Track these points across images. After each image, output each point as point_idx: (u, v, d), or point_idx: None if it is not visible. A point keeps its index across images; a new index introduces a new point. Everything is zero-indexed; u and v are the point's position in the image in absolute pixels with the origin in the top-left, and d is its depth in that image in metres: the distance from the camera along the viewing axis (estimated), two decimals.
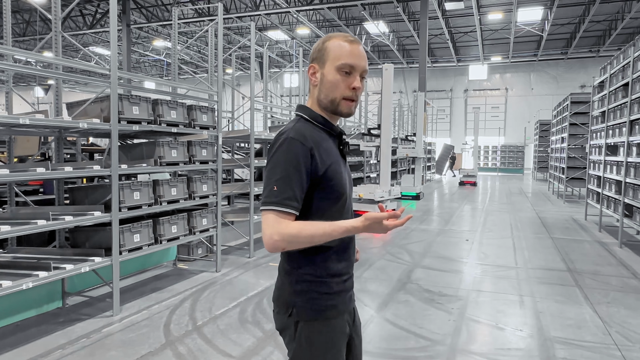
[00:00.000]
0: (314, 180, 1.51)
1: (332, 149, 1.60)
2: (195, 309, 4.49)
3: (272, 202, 1.45)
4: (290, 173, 1.46)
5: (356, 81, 1.55)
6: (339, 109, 1.57)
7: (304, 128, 1.54)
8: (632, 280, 5.64)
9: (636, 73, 7.00)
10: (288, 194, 1.45)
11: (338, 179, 1.56)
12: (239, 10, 22.00)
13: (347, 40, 1.55)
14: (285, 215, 1.45)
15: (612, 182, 8.12)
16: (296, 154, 1.47)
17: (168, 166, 4.83)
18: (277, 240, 1.42)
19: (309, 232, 1.42)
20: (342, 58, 1.53)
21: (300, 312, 1.55)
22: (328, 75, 1.55)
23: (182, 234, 5.12)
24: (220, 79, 5.63)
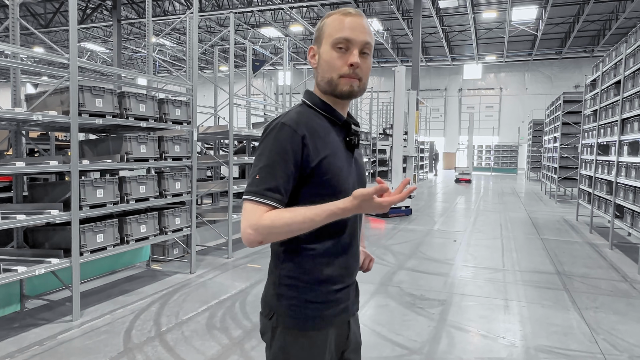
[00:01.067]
0: (305, 172, 1.33)
1: (333, 139, 1.40)
2: (161, 313, 4.25)
3: (252, 192, 1.30)
4: (276, 161, 1.30)
5: (354, 56, 1.34)
6: (339, 89, 1.37)
7: (301, 114, 1.38)
8: (622, 284, 5.44)
9: (628, 70, 6.81)
10: (270, 184, 1.29)
11: (335, 173, 1.37)
12: (232, 7, 21.71)
13: (344, 14, 1.37)
14: (264, 207, 1.28)
15: (604, 182, 7.93)
16: (284, 141, 1.31)
17: (136, 162, 4.58)
18: (250, 233, 1.27)
19: (284, 220, 1.24)
20: (336, 33, 1.35)
21: (279, 318, 1.40)
22: (324, 54, 1.38)
23: (152, 234, 4.88)
24: (195, 73, 5.39)
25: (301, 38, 27.73)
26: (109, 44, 28.28)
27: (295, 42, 27.83)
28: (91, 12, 21.98)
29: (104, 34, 27.29)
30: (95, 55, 32.60)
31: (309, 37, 27.53)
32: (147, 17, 5.59)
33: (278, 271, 1.42)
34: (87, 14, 22.19)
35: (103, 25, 23.25)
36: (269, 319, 1.42)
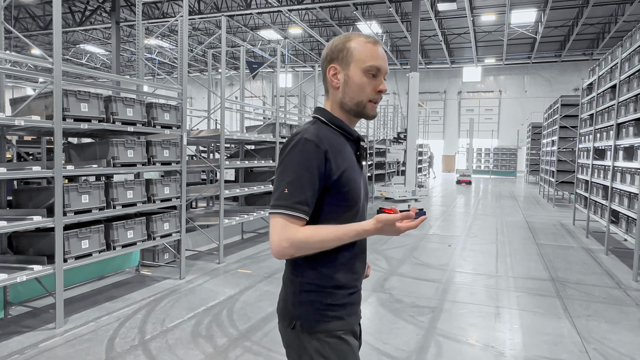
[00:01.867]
0: (327, 185, 1.43)
1: (349, 154, 1.52)
2: (147, 320, 4.20)
3: (282, 206, 1.38)
4: (303, 176, 1.38)
5: (382, 84, 1.52)
6: (365, 112, 1.52)
7: (320, 130, 1.47)
8: (616, 291, 5.38)
9: (624, 75, 6.76)
10: (299, 197, 1.38)
11: (352, 185, 1.48)
12: (230, 9, 21.70)
13: (370, 42, 1.50)
14: (295, 220, 1.38)
15: (599, 187, 7.87)
16: (310, 156, 1.39)
17: (123, 167, 4.53)
18: (285, 246, 1.36)
19: (319, 237, 1.36)
20: (368, 60, 1.47)
21: (304, 324, 1.46)
22: (354, 77, 1.48)
23: (140, 240, 4.82)
24: (185, 77, 5.34)
25: (300, 40, 27.71)
26: (108, 45, 28.28)
27: (294, 44, 27.82)
28: (90, 14, 21.99)
29: (103, 36, 27.30)
30: (95, 57, 32.63)
31: (307, 39, 27.53)
32: (137, 20, 5.55)
33: (298, 280, 1.49)
34: (85, 16, 22.20)
35: (102, 27, 23.25)
36: (292, 329, 1.47)
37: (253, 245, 7.45)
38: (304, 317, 1.46)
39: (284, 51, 27.94)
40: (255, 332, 3.98)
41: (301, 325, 1.46)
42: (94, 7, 21.71)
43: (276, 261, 6.45)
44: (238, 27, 25.54)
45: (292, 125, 8.17)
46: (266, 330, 4.04)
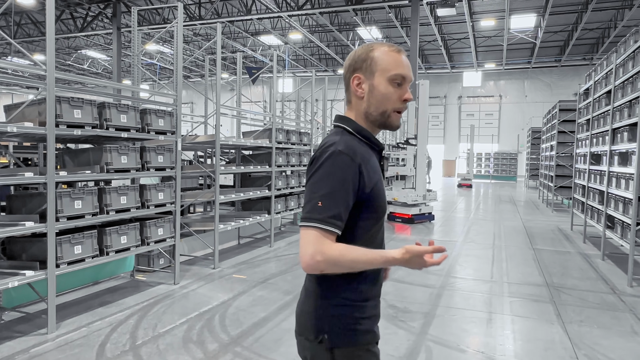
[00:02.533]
0: (361, 198, 1.42)
1: (377, 165, 1.51)
2: (139, 325, 4.21)
3: (316, 219, 1.35)
4: (337, 189, 1.36)
5: (408, 93, 1.50)
6: (389, 121, 1.51)
7: (350, 141, 1.45)
8: (610, 296, 5.38)
9: (618, 80, 6.78)
10: (333, 211, 1.35)
11: (382, 197, 1.48)
12: (231, 15, 21.82)
13: (395, 50, 1.49)
14: (328, 234, 1.35)
15: (596, 192, 7.87)
16: (344, 169, 1.38)
17: (117, 173, 4.56)
18: (319, 260, 1.33)
19: (351, 257, 1.34)
20: (393, 69, 1.46)
21: (334, 339, 1.44)
22: (379, 86, 1.47)
23: (134, 245, 4.85)
24: (180, 83, 5.38)
25: (300, 46, 27.82)
26: (109, 51, 28.44)
27: (295, 49, 27.92)
28: (91, 20, 22.13)
29: (104, 42, 27.46)
30: (96, 63, 32.80)
31: (308, 44, 27.63)
32: (132, 27, 5.60)
33: (327, 292, 1.47)
34: (87, 22, 22.35)
35: (103, 32, 23.39)
36: (319, 342, 1.45)
37: (249, 251, 7.46)
38: (335, 331, 1.44)
39: (284, 56, 28.06)
40: (246, 338, 3.99)
41: (330, 340, 1.44)
42: (96, 13, 21.86)
43: (271, 266, 6.47)
44: (239, 33, 25.66)
45: (289, 131, 8.20)
46: (257, 335, 4.05)
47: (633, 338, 4.15)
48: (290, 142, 8.16)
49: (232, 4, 21.61)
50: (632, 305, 5.07)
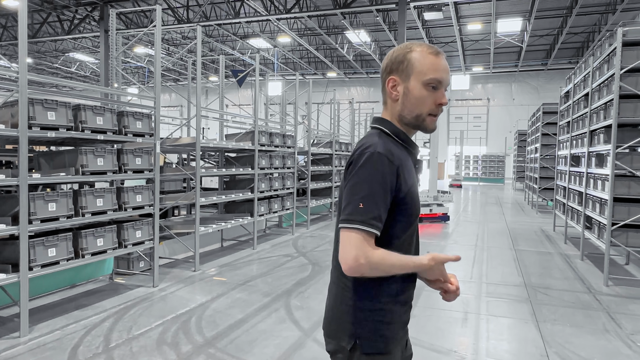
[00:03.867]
0: (396, 201, 1.42)
1: (412, 168, 1.51)
2: (114, 328, 4.20)
3: (359, 221, 1.34)
4: (377, 191, 1.36)
5: (444, 97, 1.47)
6: (424, 125, 1.49)
7: (387, 143, 1.45)
8: (585, 296, 5.45)
9: (595, 83, 6.89)
10: (374, 213, 1.35)
11: (416, 200, 1.48)
12: (219, 17, 21.82)
13: (432, 52, 1.46)
14: (370, 236, 1.36)
15: (575, 193, 7.98)
16: (384, 171, 1.38)
17: (93, 175, 4.55)
18: (363, 263, 1.32)
19: (390, 262, 1.35)
20: (429, 72, 1.44)
21: (364, 345, 1.44)
22: (414, 90, 1.45)
23: (111, 247, 4.83)
24: (159, 86, 5.38)
25: (290, 49, 27.87)
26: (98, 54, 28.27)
27: (284, 52, 27.97)
28: (78, 23, 22.02)
29: (92, 45, 27.32)
30: (84, 66, 32.60)
31: (297, 47, 27.70)
32: (111, 30, 5.60)
33: (364, 297, 1.45)
34: (74, 24, 22.23)
35: (91, 35, 23.26)
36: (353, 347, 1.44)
37: (232, 253, 7.46)
38: (364, 336, 1.44)
39: (273, 59, 28.09)
40: (221, 339, 3.99)
41: (361, 345, 1.44)
42: (83, 15, 21.75)
43: (252, 269, 6.47)
44: (228, 36, 25.65)
45: (273, 133, 8.22)
46: (232, 337, 4.05)
47: (603, 336, 4.22)
48: (273, 145, 8.18)
49: (220, 7, 21.62)
50: (606, 304, 5.15)
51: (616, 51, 5.73)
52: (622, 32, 5.68)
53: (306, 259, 7.08)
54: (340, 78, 34.14)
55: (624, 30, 5.69)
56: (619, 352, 3.86)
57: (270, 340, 3.99)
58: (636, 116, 5.75)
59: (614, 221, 5.81)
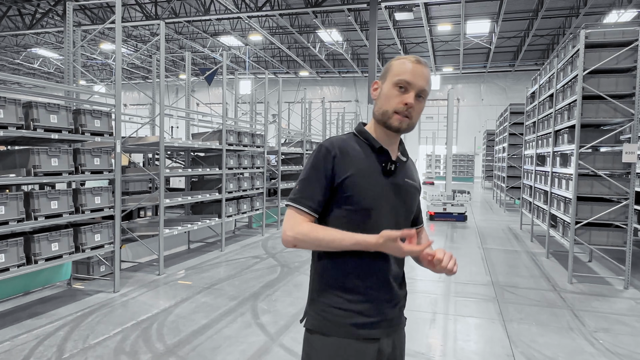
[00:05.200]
0: (333, 186, 1.56)
1: (366, 162, 1.58)
2: (69, 337, 3.99)
3: (292, 199, 1.57)
4: (311, 175, 1.56)
5: (410, 97, 1.55)
6: (389, 122, 1.58)
7: (340, 139, 1.62)
8: (551, 294, 5.53)
9: (559, 84, 7.01)
10: (306, 193, 1.55)
11: (359, 192, 1.54)
12: (189, 14, 21.39)
13: (411, 60, 1.58)
14: (301, 213, 1.54)
15: (541, 192, 8.13)
16: (318, 158, 1.56)
17: (46, 177, 4.32)
18: (289, 235, 1.51)
19: (317, 234, 1.48)
20: (400, 74, 1.56)
21: (308, 321, 1.59)
22: (385, 88, 1.59)
23: (67, 252, 4.60)
24: (119, 83, 5.16)
25: (261, 47, 27.61)
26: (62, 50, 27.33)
27: (255, 51, 27.68)
28: (41, 17, 21.18)
29: (56, 40, 26.39)
30: (48, 62, 31.47)
31: (269, 46, 27.46)
32: (67, 24, 5.34)
33: (315, 277, 1.62)
34: (36, 19, 21.39)
35: (54, 30, 22.46)
36: (302, 322, 1.62)
37: (198, 255, 7.27)
38: (311, 314, 1.59)
39: (245, 58, 27.77)
40: (182, 347, 3.84)
41: (307, 321, 1.59)
42: (45, 10, 20.95)
43: (219, 271, 6.31)
44: (198, 33, 25.21)
45: (241, 132, 8.06)
46: (195, 344, 3.91)
47: (568, 334, 4.26)
48: (242, 144, 8.02)
49: (189, 4, 21.21)
50: (570, 302, 5.23)
51: (579, 53, 5.83)
52: (585, 34, 5.79)
53: (275, 261, 6.96)
54: (312, 77, 34.07)
55: (587, 32, 5.80)
56: (583, 350, 3.91)
57: (234, 347, 3.87)
58: (598, 117, 5.87)
59: (578, 220, 5.92)
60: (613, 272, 6.50)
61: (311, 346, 1.57)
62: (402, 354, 1.70)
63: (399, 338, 1.69)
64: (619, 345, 4.04)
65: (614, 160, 5.86)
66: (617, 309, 5.00)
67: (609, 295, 5.47)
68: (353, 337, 1.54)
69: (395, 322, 1.65)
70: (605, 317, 4.72)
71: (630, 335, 4.27)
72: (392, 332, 1.63)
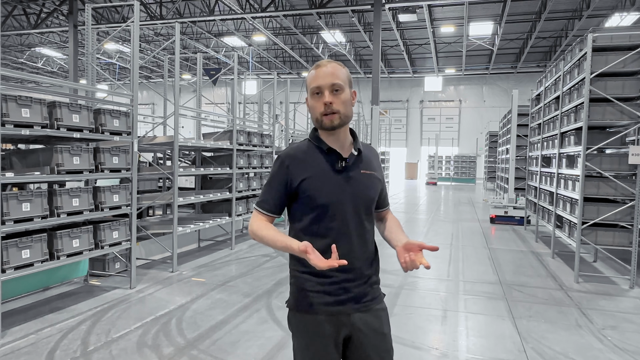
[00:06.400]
0: (291, 191, 1.80)
1: (319, 163, 1.80)
2: (91, 331, 4.09)
3: (256, 203, 1.89)
4: (270, 183, 1.86)
5: (325, 97, 1.75)
6: (323, 125, 1.78)
7: (296, 146, 1.85)
8: (558, 292, 5.63)
9: (566, 87, 7.12)
10: (264, 198, 1.86)
11: (314, 190, 1.77)
12: (193, 15, 21.52)
13: (315, 67, 1.79)
14: (260, 213, 1.86)
15: (546, 193, 8.23)
16: (275, 169, 1.84)
17: (69, 174, 4.42)
18: (249, 229, 1.83)
19: (262, 233, 1.78)
20: (310, 84, 1.78)
21: (289, 301, 1.85)
22: (309, 101, 1.81)
23: (87, 249, 4.71)
24: (136, 83, 5.27)
25: (264, 48, 27.73)
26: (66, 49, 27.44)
27: (258, 51, 27.80)
28: (46, 17, 21.30)
29: (60, 40, 26.51)
30: (52, 61, 31.59)
31: (272, 47, 27.58)
32: (86, 25, 5.45)
33: (291, 263, 1.88)
34: (41, 18, 21.50)
35: (59, 30, 22.58)
36: (285, 303, 1.88)
37: (210, 254, 7.37)
38: (290, 296, 1.86)
39: (248, 58, 27.88)
40: (203, 341, 3.95)
41: (288, 302, 1.86)
42: (50, 9, 21.06)
43: (231, 269, 6.42)
44: (201, 34, 25.32)
45: (251, 132, 8.17)
46: (214, 338, 4.01)
47: (577, 331, 4.37)
48: (251, 144, 8.12)
49: (194, 4, 21.32)
50: (577, 300, 5.34)
51: (586, 56, 5.94)
52: (592, 37, 5.89)
53: (285, 259, 7.07)
54: None
55: (594, 36, 5.91)
56: (592, 347, 4.01)
57: (253, 341, 3.97)
58: (605, 119, 5.98)
59: (584, 220, 6.02)
60: (618, 272, 6.61)
61: (291, 323, 1.85)
62: (381, 325, 1.86)
63: (376, 312, 1.86)
64: (626, 342, 4.14)
65: (620, 162, 5.96)
66: (624, 307, 5.11)
67: (615, 294, 5.58)
68: (325, 313, 1.77)
69: (366, 299, 1.83)
70: (612, 315, 4.83)
71: (638, 332, 4.37)
72: (363, 307, 1.82)
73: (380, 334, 1.85)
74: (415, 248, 1.72)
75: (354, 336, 1.81)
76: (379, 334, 1.85)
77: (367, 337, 1.81)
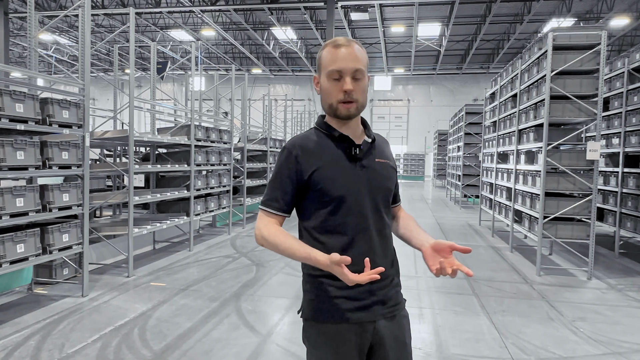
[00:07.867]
0: (301, 183, 1.59)
1: (330, 153, 1.60)
2: (42, 347, 3.64)
3: (261, 202, 1.66)
4: (277, 178, 1.63)
5: (347, 84, 1.55)
6: (338, 113, 1.59)
7: (302, 137, 1.65)
8: (524, 286, 5.73)
9: (523, 85, 7.31)
10: (272, 195, 1.63)
11: (326, 182, 1.56)
12: (138, 6, 20.48)
13: (334, 46, 1.56)
14: (269, 214, 1.62)
15: (504, 189, 8.44)
16: (282, 160, 1.62)
17: (11, 171, 3.92)
18: (257, 234, 1.60)
19: (275, 240, 1.53)
20: (329, 65, 1.56)
21: (304, 311, 1.63)
22: (323, 84, 1.60)
23: (33, 254, 4.21)
24: (88, 71, 4.80)
25: (213, 43, 26.96)
26: None
27: (207, 46, 26.98)
28: None
29: None
30: None
31: (221, 42, 26.88)
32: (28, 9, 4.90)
33: (302, 267, 1.64)
34: None
35: None
36: (298, 313, 1.66)
37: (167, 256, 6.93)
38: (304, 305, 1.63)
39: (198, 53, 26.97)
40: (172, 352, 3.62)
41: (303, 311, 1.64)
42: None
43: (192, 272, 6.05)
44: (147, 26, 24.20)
45: (209, 128, 7.78)
46: (184, 348, 3.69)
47: (550, 324, 4.43)
48: (210, 140, 7.73)
49: None
50: (543, 293, 5.45)
51: (547, 54, 6.09)
52: (553, 36, 6.05)
53: (248, 260, 6.77)
54: (265, 75, 33.70)
55: (554, 34, 6.06)
56: (567, 339, 4.06)
57: (227, 349, 3.69)
58: (564, 116, 6.16)
59: (545, 214, 6.18)
60: (574, 264, 6.85)
61: (309, 336, 1.63)
62: (402, 333, 1.68)
63: (399, 319, 1.68)
64: (598, 333, 4.24)
65: (578, 158, 6.17)
66: (587, 298, 5.27)
67: (576, 286, 5.76)
68: (349, 322, 1.57)
69: (391, 303, 1.65)
70: (579, 307, 4.95)
71: (606, 323, 4.50)
72: (388, 313, 1.64)
73: (402, 343, 1.68)
74: (446, 249, 1.54)
75: (376, 345, 1.62)
76: (401, 343, 1.68)
77: (391, 347, 1.64)
